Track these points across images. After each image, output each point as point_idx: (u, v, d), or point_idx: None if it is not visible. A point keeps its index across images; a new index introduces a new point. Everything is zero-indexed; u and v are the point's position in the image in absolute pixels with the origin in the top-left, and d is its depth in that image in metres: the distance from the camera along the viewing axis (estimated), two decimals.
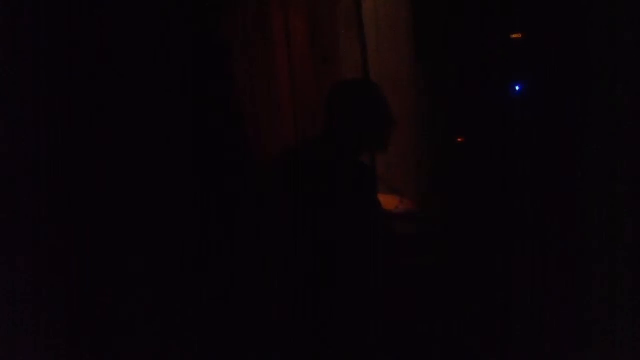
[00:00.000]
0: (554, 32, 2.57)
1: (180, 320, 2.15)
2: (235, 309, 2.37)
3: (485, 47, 2.80)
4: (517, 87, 2.77)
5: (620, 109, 2.35)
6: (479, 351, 2.61)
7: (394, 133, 2.57)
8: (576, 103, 2.47)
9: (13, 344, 1.85)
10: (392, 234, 2.75)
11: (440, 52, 2.97)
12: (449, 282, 2.73)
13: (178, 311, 2.14)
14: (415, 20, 3.03)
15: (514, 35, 2.75)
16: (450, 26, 2.90)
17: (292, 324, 2.42)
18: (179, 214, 2.34)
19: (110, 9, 2.23)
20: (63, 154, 2.05)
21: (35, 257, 1.90)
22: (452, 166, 2.99)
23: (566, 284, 2.45)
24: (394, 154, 3.05)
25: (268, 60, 3.03)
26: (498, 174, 2.72)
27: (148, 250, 2.16)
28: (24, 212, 1.90)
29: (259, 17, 2.99)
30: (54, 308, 1.91)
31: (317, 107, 2.99)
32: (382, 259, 2.52)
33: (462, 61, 2.89)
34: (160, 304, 2.11)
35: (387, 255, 2.56)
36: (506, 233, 2.66)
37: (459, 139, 2.99)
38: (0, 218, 1.86)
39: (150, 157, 2.33)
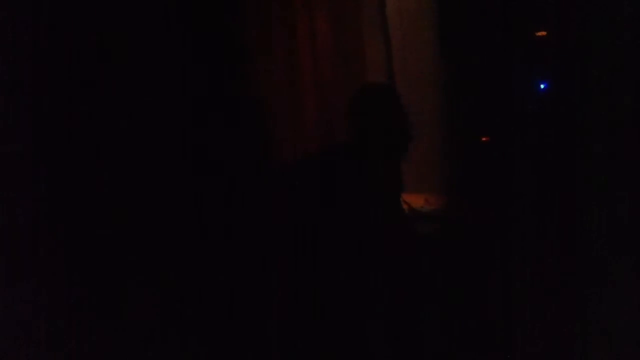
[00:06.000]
0: (579, 30, 2.44)
1: (182, 320, 2.08)
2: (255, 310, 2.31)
3: (510, 46, 2.67)
4: (542, 86, 2.64)
5: None
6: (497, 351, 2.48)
7: (414, 142, 2.45)
8: (603, 101, 2.34)
9: (13, 343, 1.81)
10: (415, 233, 2.65)
11: (465, 51, 2.85)
12: (473, 280, 2.60)
13: (180, 311, 2.08)
14: (439, 19, 2.92)
15: (539, 33, 2.62)
16: (474, 25, 2.78)
17: (315, 324, 2.33)
18: (194, 213, 2.29)
19: (134, 7, 2.18)
20: (72, 154, 2.01)
21: (35, 257, 1.85)
22: (478, 165, 2.87)
23: (596, 284, 2.32)
24: (419, 153, 2.95)
25: (292, 60, 2.97)
26: (524, 174, 2.59)
27: (153, 249, 2.10)
28: (25, 212, 1.86)
29: (283, 18, 2.93)
30: (54, 307, 1.86)
31: (342, 107, 2.91)
32: (405, 258, 2.42)
33: (487, 60, 2.77)
34: (162, 303, 2.05)
35: (412, 254, 2.45)
36: (532, 233, 2.53)
37: (484, 138, 2.86)
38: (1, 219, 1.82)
39: (169, 157, 2.28)
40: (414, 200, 2.93)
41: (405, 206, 2.81)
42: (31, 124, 1.88)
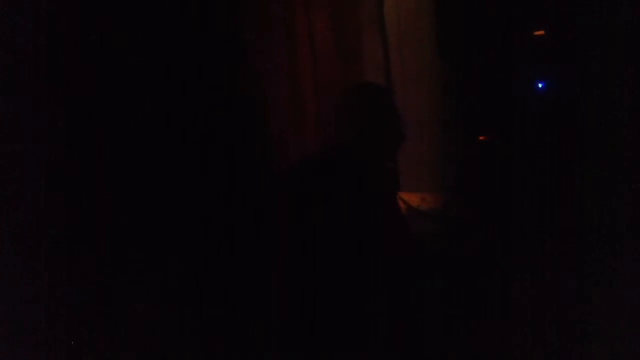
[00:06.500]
0: (577, 29, 2.43)
1: (183, 321, 2.07)
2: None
3: (508, 45, 2.66)
4: (540, 85, 2.64)
5: None
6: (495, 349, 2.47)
7: (406, 141, 2.43)
8: (601, 100, 2.33)
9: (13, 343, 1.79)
10: (412, 232, 2.64)
11: (463, 50, 2.84)
12: (470, 279, 2.60)
13: (182, 312, 2.07)
14: (437, 18, 2.90)
15: (537, 33, 2.61)
16: (472, 24, 2.77)
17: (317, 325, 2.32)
18: (196, 215, 2.27)
19: (135, 8, 2.17)
20: (71, 154, 2.00)
21: (35, 257, 1.84)
22: (475, 164, 2.87)
23: (595, 284, 2.31)
24: (416, 152, 2.95)
25: (291, 60, 2.96)
26: (521, 172, 2.58)
27: (154, 249, 2.08)
28: (25, 213, 1.84)
29: (283, 17, 2.92)
30: (54, 308, 1.84)
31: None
32: (401, 257, 2.41)
33: (484, 59, 2.76)
34: (162, 304, 2.03)
35: (408, 253, 2.45)
36: (529, 232, 2.52)
37: (481, 138, 2.86)
38: (1, 219, 1.80)
39: (167, 156, 2.26)
40: (411, 199, 2.92)
41: (402, 205, 2.80)
42: (31, 124, 1.87)
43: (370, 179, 2.40)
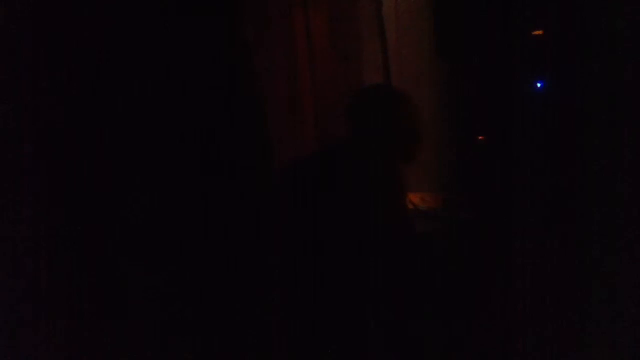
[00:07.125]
0: (576, 28, 2.43)
1: (182, 321, 2.06)
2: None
3: (507, 45, 2.66)
4: (539, 85, 2.63)
5: None
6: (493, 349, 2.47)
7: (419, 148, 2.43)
8: (600, 100, 2.32)
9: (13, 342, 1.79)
10: (413, 232, 2.64)
11: (462, 50, 2.84)
12: (469, 279, 2.59)
13: (180, 311, 2.06)
14: (436, 17, 2.90)
15: (535, 32, 2.61)
16: (471, 23, 2.77)
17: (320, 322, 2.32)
18: (194, 214, 2.27)
19: (133, 5, 2.16)
20: (70, 153, 1.99)
21: (36, 256, 1.83)
22: (474, 164, 2.87)
23: (595, 284, 2.30)
24: None
25: (289, 59, 2.96)
26: (520, 172, 2.58)
27: (154, 250, 2.08)
28: (25, 212, 1.83)
29: (280, 17, 2.92)
30: (54, 308, 1.84)
31: (338, 106, 2.90)
32: (402, 257, 2.41)
33: (483, 58, 2.75)
34: (161, 304, 2.03)
35: (408, 253, 2.44)
36: (529, 232, 2.52)
37: (480, 137, 2.85)
38: (1, 217, 1.80)
39: (166, 156, 2.26)
40: (410, 198, 2.92)
41: (410, 206, 2.80)
42: (31, 125, 1.86)
43: (373, 180, 2.40)
